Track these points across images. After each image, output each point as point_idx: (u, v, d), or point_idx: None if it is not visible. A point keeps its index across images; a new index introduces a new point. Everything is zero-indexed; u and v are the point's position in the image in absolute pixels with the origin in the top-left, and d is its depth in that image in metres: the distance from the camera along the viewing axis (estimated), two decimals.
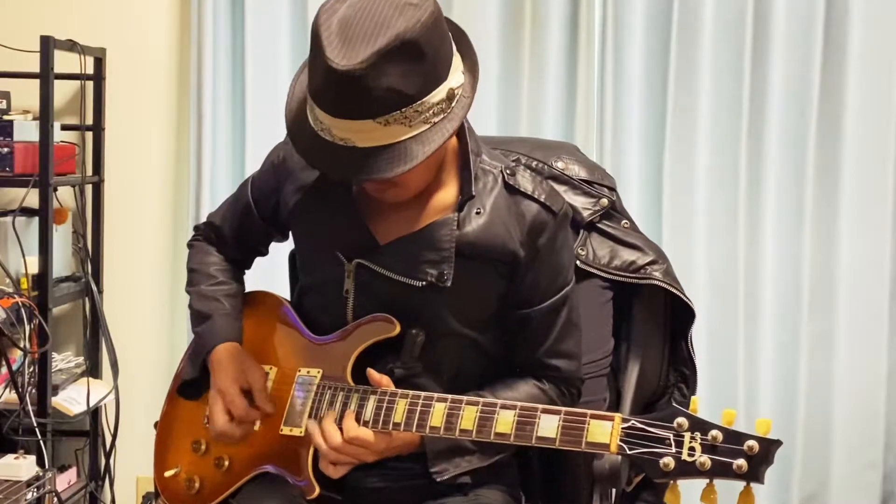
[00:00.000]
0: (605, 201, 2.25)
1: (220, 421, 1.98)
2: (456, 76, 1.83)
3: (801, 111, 3.32)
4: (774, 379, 3.39)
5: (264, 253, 2.24)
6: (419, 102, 1.76)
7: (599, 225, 2.24)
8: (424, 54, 1.75)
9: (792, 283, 3.37)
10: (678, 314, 2.26)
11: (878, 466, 3.38)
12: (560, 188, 2.21)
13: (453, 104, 1.82)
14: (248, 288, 2.22)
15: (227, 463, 2.01)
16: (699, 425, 1.68)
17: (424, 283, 1.91)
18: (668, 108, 3.33)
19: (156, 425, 2.16)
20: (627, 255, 2.23)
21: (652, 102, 3.38)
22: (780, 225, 3.37)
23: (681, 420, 1.69)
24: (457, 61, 1.84)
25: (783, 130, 3.34)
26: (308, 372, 1.98)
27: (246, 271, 2.25)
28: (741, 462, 1.64)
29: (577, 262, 2.18)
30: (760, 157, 3.34)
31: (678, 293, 2.21)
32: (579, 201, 2.24)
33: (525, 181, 1.97)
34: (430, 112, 1.78)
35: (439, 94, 1.79)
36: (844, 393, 3.36)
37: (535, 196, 1.95)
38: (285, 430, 1.95)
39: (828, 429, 3.37)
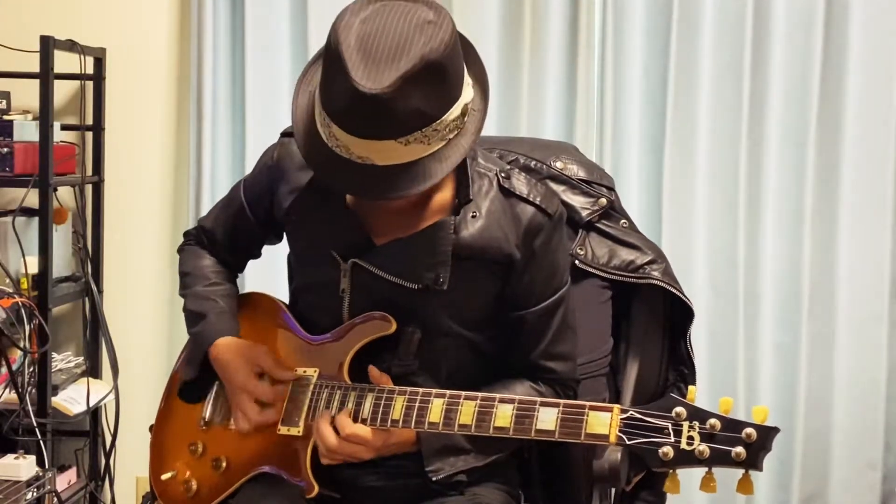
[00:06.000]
0: (603, 201, 2.25)
1: (253, 413, 1.97)
2: (467, 91, 1.83)
3: (801, 111, 3.32)
4: (774, 379, 3.39)
5: (257, 255, 2.23)
6: (439, 121, 1.77)
7: (598, 224, 2.24)
8: (447, 75, 1.75)
9: (792, 283, 3.36)
10: (677, 313, 2.26)
11: (878, 466, 3.37)
12: (558, 188, 2.21)
13: (465, 119, 1.82)
14: (249, 289, 2.21)
15: (224, 464, 2.01)
16: (697, 414, 1.69)
17: (420, 285, 1.91)
18: (668, 108, 3.33)
19: (151, 429, 2.16)
20: (626, 254, 2.23)
21: (652, 102, 3.37)
22: (780, 225, 3.36)
23: (679, 409, 1.70)
24: (466, 75, 1.84)
25: (783, 130, 3.34)
26: (305, 372, 1.98)
27: (239, 275, 2.24)
28: (740, 450, 1.65)
29: (576, 262, 2.18)
30: (760, 157, 3.34)
31: (677, 292, 2.21)
32: (578, 201, 2.23)
33: (520, 184, 1.97)
34: (447, 129, 1.79)
35: (455, 111, 1.79)
36: (844, 393, 3.36)
37: (531, 198, 1.95)
38: (283, 430, 1.94)
39: (828, 429, 3.37)
